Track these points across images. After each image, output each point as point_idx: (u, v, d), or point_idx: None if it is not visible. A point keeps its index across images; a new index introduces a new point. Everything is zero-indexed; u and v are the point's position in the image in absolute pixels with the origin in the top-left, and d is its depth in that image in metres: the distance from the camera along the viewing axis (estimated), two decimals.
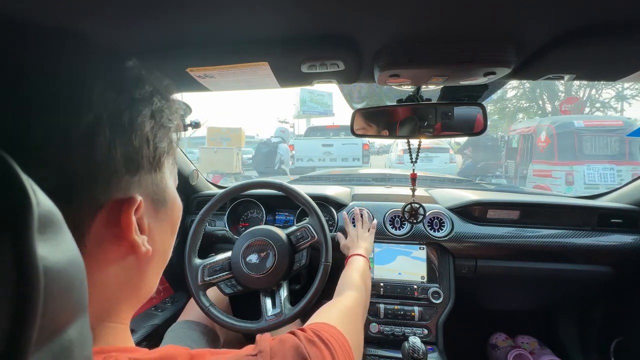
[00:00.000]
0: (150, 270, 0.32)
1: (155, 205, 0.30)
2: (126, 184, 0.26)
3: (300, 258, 0.85)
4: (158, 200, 0.31)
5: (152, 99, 0.28)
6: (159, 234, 0.31)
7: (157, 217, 0.31)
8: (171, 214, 0.33)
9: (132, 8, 0.38)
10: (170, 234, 0.34)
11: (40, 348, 0.13)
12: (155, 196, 0.30)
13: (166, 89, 0.30)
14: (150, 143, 0.27)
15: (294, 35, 0.47)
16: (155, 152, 0.28)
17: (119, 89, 0.25)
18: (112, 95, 0.24)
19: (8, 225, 0.12)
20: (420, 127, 0.72)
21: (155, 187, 0.30)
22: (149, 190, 0.29)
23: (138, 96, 0.26)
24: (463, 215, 1.07)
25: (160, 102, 0.29)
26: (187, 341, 0.79)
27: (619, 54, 0.50)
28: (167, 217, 0.33)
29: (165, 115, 0.29)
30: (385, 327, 0.95)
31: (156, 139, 0.28)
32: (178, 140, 0.33)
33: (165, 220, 0.32)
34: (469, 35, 0.47)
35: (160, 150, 0.29)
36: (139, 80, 0.27)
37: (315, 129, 8.00)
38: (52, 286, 0.14)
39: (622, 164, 4.42)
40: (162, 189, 0.31)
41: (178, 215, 0.35)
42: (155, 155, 0.28)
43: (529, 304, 1.29)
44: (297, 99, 16.07)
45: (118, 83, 0.26)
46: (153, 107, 0.28)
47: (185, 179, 1.16)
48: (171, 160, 0.33)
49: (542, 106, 11.54)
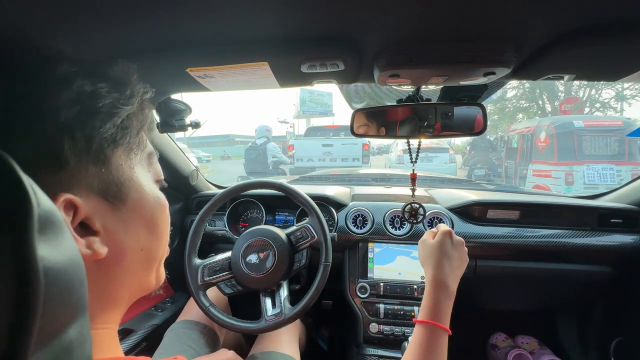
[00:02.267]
0: (122, 271, 0.29)
1: (112, 202, 0.27)
2: (50, 182, 0.23)
3: (300, 258, 0.85)
4: (112, 195, 0.27)
5: (72, 81, 0.24)
6: (125, 233, 0.29)
7: (116, 215, 0.28)
8: (139, 210, 0.30)
9: (132, 8, 0.38)
10: (146, 232, 0.31)
11: (41, 348, 0.13)
12: (105, 193, 0.27)
13: (115, 71, 0.27)
14: (75, 132, 0.24)
15: (294, 35, 0.47)
16: (89, 142, 0.25)
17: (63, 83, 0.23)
18: (60, 88, 0.22)
19: (8, 226, 0.12)
20: (420, 127, 0.72)
21: (104, 183, 0.27)
22: (95, 187, 0.26)
23: (47, 79, 0.23)
24: (463, 215, 1.07)
25: (92, 85, 0.25)
26: (187, 341, 0.79)
27: (619, 54, 0.50)
28: (133, 213, 0.29)
29: (103, 99, 0.26)
30: (385, 327, 0.95)
31: (87, 128, 0.25)
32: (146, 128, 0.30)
33: (132, 217, 0.29)
34: (469, 35, 0.47)
35: (99, 140, 0.25)
36: (49, 61, 0.24)
37: (315, 129, 8.00)
38: (52, 286, 0.14)
39: (622, 164, 4.43)
40: (116, 183, 0.28)
41: (153, 211, 0.32)
42: (91, 146, 0.25)
43: (528, 303, 1.29)
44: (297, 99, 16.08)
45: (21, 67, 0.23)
46: (75, 91, 0.24)
47: (185, 179, 1.16)
48: (140, 153, 0.30)
49: (542, 106, 11.55)
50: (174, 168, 1.09)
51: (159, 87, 0.71)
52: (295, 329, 0.93)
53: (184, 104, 0.85)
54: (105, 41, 0.46)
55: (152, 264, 0.33)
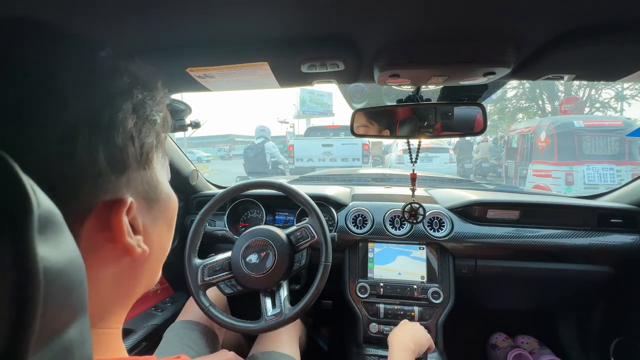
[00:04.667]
0: (146, 268, 0.31)
1: (148, 203, 0.29)
2: (113, 185, 0.25)
3: (300, 258, 0.85)
4: (150, 197, 0.29)
5: (132, 92, 0.26)
6: (154, 232, 0.31)
7: (151, 214, 0.30)
8: (166, 210, 0.32)
9: (132, 8, 0.38)
10: (167, 230, 0.33)
11: (41, 348, 0.13)
12: (147, 194, 0.29)
13: (148, 77, 0.28)
14: (135, 140, 0.26)
15: (294, 35, 0.47)
16: (142, 148, 0.27)
17: (94, 83, 0.23)
18: (87, 91, 0.23)
19: (8, 226, 0.12)
20: (420, 127, 0.72)
21: (147, 185, 0.29)
22: (140, 188, 0.28)
23: (116, 90, 0.24)
24: (463, 215, 1.07)
25: (142, 94, 0.27)
26: (186, 341, 0.79)
27: (619, 54, 0.50)
28: (161, 213, 0.31)
29: (148, 107, 0.27)
30: (385, 327, 0.95)
31: (141, 135, 0.26)
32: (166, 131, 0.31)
33: (160, 217, 0.31)
34: (469, 35, 0.47)
35: (147, 146, 0.27)
36: (115, 72, 0.25)
37: (315, 129, 8.00)
38: (52, 286, 0.14)
39: (622, 164, 4.43)
40: (154, 185, 0.30)
41: (174, 210, 0.34)
42: (142, 152, 0.27)
43: (529, 304, 1.29)
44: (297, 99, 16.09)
45: (92, 76, 0.24)
46: (134, 101, 0.26)
47: (185, 179, 1.16)
48: (161, 154, 0.32)
49: (542, 106, 11.56)
50: (174, 168, 1.09)
51: None
52: (295, 329, 0.93)
53: (184, 104, 0.86)
54: (105, 41, 0.46)
55: (162, 262, 0.35)
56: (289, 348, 0.82)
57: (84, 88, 0.23)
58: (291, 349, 0.83)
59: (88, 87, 0.23)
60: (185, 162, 1.15)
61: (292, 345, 0.85)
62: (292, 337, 0.88)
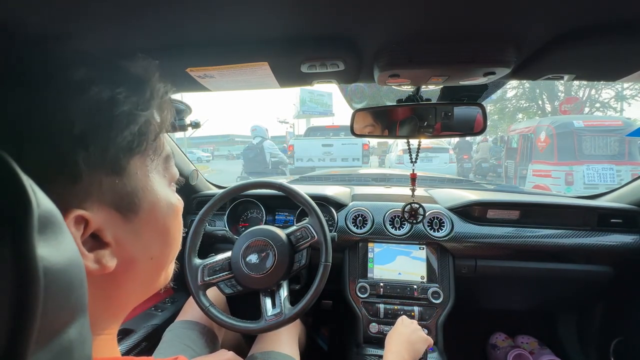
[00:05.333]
0: (134, 280, 0.29)
1: (123, 214, 0.26)
2: (62, 195, 0.22)
3: (300, 258, 0.85)
4: (124, 207, 0.26)
5: (89, 87, 0.23)
6: (136, 243, 0.28)
7: (127, 226, 0.27)
8: (152, 220, 0.29)
9: (132, 8, 0.38)
10: (160, 241, 0.30)
11: (41, 348, 0.13)
12: (119, 204, 0.26)
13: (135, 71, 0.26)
14: (89, 146, 0.22)
15: (294, 35, 0.47)
16: (104, 154, 0.23)
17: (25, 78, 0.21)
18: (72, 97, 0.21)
19: (8, 226, 0.12)
20: (420, 127, 0.72)
21: (117, 194, 0.25)
22: (108, 198, 0.25)
23: (60, 85, 0.22)
24: (463, 215, 1.07)
25: (110, 91, 0.23)
26: (185, 341, 0.79)
27: (619, 54, 0.50)
28: (147, 223, 0.28)
29: (119, 106, 0.24)
30: (385, 327, 0.95)
31: (102, 139, 0.23)
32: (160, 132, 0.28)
33: (144, 228, 0.28)
34: (469, 35, 0.47)
35: (114, 150, 0.24)
36: (62, 65, 0.23)
37: (315, 129, 8.01)
38: (52, 286, 0.14)
39: (622, 164, 4.43)
40: (130, 193, 0.26)
41: (164, 218, 0.30)
42: (106, 157, 0.24)
43: (528, 303, 1.29)
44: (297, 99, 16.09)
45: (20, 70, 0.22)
46: (90, 98, 0.23)
47: (185, 179, 1.16)
48: (153, 157, 0.29)
49: (542, 106, 11.56)
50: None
51: None
52: (295, 329, 0.93)
53: (184, 104, 0.86)
54: (105, 41, 0.46)
55: (162, 270, 0.32)
56: (288, 348, 0.82)
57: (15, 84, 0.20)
58: (291, 349, 0.83)
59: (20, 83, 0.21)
60: (185, 162, 1.15)
61: (291, 345, 0.85)
62: (291, 337, 0.88)
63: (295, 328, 0.93)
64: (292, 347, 0.84)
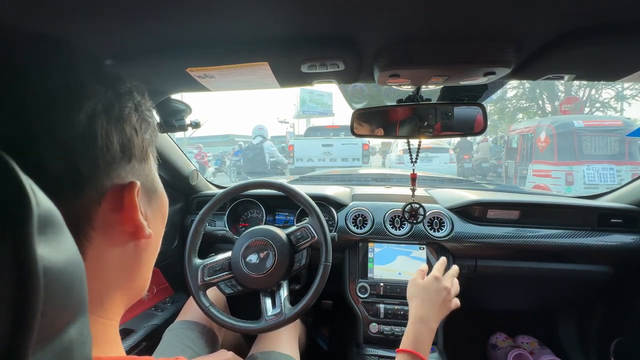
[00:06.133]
0: (145, 257, 0.33)
1: (148, 195, 0.32)
2: (124, 170, 0.28)
3: (300, 258, 0.85)
4: (149, 188, 0.32)
5: (133, 94, 0.30)
6: (153, 222, 0.33)
7: (150, 205, 0.33)
8: (162, 205, 0.35)
9: (132, 8, 0.38)
10: (161, 224, 0.36)
11: (41, 348, 0.13)
12: (146, 185, 0.32)
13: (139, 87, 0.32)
14: (138, 133, 0.29)
15: (294, 35, 0.47)
16: (142, 142, 0.30)
17: (107, 84, 0.27)
18: (103, 89, 0.26)
19: (8, 226, 0.12)
20: (420, 127, 0.72)
21: (146, 176, 0.32)
22: (142, 178, 0.30)
23: (122, 90, 0.28)
24: (463, 215, 1.07)
25: (139, 97, 0.30)
26: (185, 341, 0.79)
27: (619, 54, 0.50)
28: (158, 206, 0.34)
29: (144, 108, 0.31)
30: (385, 327, 0.95)
31: (142, 130, 0.30)
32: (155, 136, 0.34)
33: (157, 210, 0.34)
34: (469, 35, 0.47)
35: (146, 141, 0.31)
36: (119, 77, 0.29)
37: (315, 129, 8.01)
38: (52, 286, 0.14)
39: (622, 164, 4.43)
40: (152, 178, 0.33)
41: (166, 205, 0.36)
42: (143, 145, 0.30)
43: (529, 303, 1.29)
44: (297, 99, 16.09)
45: (105, 79, 0.28)
46: (135, 101, 0.29)
47: (185, 179, 1.16)
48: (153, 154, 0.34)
49: (542, 106, 11.56)
50: (174, 168, 1.09)
51: (159, 87, 0.71)
52: (295, 329, 0.93)
53: (184, 104, 0.85)
54: (106, 41, 0.46)
55: (156, 256, 0.36)
56: (288, 348, 0.82)
57: (101, 87, 0.26)
58: (291, 349, 0.83)
59: (103, 86, 0.27)
60: (185, 162, 1.15)
61: (291, 345, 0.85)
62: (291, 337, 0.88)
63: (295, 328, 0.93)
64: (292, 347, 0.84)
